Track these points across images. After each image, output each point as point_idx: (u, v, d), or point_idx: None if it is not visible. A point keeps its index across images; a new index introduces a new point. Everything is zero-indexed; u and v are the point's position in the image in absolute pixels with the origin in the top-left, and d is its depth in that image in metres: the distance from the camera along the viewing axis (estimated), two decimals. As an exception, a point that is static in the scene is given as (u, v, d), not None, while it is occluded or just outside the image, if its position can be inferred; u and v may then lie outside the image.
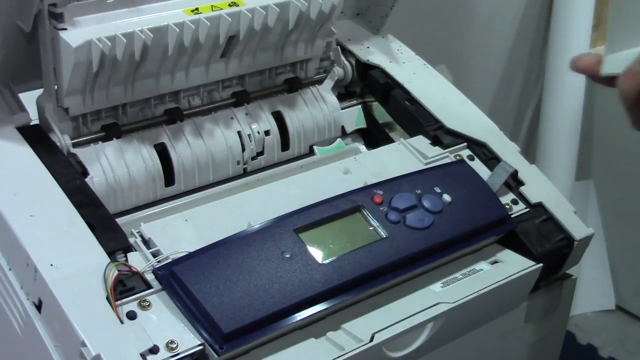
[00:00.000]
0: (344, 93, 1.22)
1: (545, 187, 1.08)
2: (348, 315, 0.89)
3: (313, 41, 1.15)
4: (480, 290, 0.95)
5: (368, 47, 1.22)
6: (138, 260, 0.86)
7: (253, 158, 1.11)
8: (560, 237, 1.04)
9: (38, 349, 0.82)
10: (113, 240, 0.87)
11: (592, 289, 2.00)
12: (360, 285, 0.89)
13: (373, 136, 1.21)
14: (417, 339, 0.91)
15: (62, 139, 0.97)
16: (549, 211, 1.05)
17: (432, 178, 1.01)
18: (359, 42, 1.23)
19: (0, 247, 0.87)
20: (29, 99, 1.00)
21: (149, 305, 0.82)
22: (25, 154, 0.93)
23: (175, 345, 0.79)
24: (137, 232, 0.91)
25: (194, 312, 0.81)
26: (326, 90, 1.18)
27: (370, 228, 0.93)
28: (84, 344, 0.77)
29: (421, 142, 1.10)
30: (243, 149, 1.09)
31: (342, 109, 1.19)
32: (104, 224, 0.89)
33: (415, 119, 1.14)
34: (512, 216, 1.03)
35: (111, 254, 0.85)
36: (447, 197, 0.98)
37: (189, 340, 0.80)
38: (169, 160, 1.04)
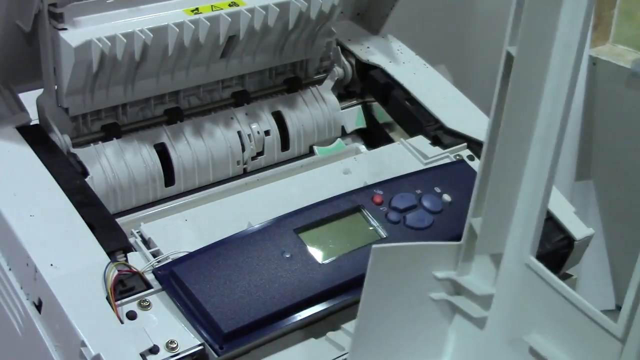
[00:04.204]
0: (344, 93, 1.22)
1: (545, 187, 1.08)
2: (348, 315, 0.89)
3: (313, 41, 1.15)
4: (480, 290, 0.95)
5: (368, 47, 1.22)
6: (138, 260, 0.86)
7: (253, 158, 1.11)
8: (560, 237, 1.04)
9: (38, 349, 0.82)
10: (113, 240, 0.87)
11: (592, 289, 2.00)
12: (360, 285, 0.89)
13: (373, 136, 1.21)
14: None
15: (62, 139, 0.97)
16: (549, 211, 1.05)
17: (432, 178, 1.01)
18: (359, 42, 1.23)
19: (0, 247, 0.87)
20: (29, 99, 1.00)
21: (149, 305, 0.82)
22: (25, 154, 0.93)
23: (175, 345, 0.79)
24: (137, 232, 0.91)
25: (193, 312, 0.81)
26: (326, 90, 1.18)
27: (370, 228, 0.93)
28: (84, 344, 0.77)
29: (421, 142, 1.10)
30: (243, 149, 1.09)
31: (342, 109, 1.19)
32: (104, 224, 0.89)
33: (415, 119, 1.14)
34: (512, 216, 1.03)
35: (111, 254, 0.85)
36: (447, 197, 0.98)
37: (189, 340, 0.80)
38: (169, 160, 1.04)
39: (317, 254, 0.89)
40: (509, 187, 0.73)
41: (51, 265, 0.82)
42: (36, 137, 0.96)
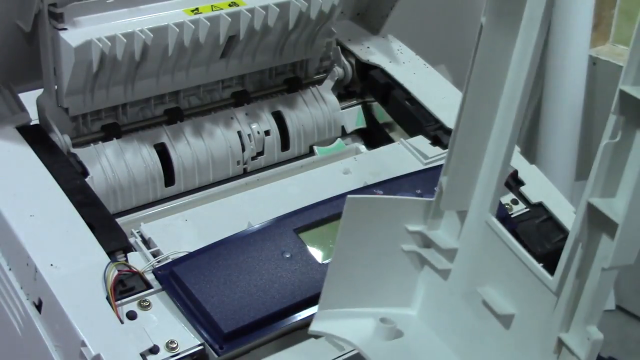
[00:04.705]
0: (344, 93, 1.22)
1: (545, 187, 1.08)
2: (348, 315, 0.89)
3: (313, 41, 1.15)
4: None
5: (368, 47, 1.22)
6: (138, 260, 0.86)
7: (253, 158, 1.11)
8: (560, 237, 1.04)
9: (38, 349, 0.82)
10: (113, 240, 0.87)
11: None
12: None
13: (373, 136, 1.21)
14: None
15: (62, 139, 0.97)
16: (549, 211, 1.05)
17: (432, 178, 1.01)
18: (359, 42, 1.23)
19: (0, 247, 0.87)
20: (29, 99, 1.00)
21: (149, 305, 0.82)
22: (25, 154, 0.93)
23: (175, 345, 0.79)
24: (137, 232, 0.91)
25: (194, 312, 0.81)
26: (326, 90, 1.18)
27: (370, 228, 0.93)
28: (84, 344, 0.77)
29: (421, 142, 1.10)
30: (243, 149, 1.09)
31: (342, 109, 1.19)
32: (104, 224, 0.89)
33: (415, 119, 1.14)
34: (512, 216, 1.03)
35: (111, 254, 0.85)
36: (447, 197, 0.98)
37: (189, 340, 0.80)
38: (169, 160, 1.04)
39: (317, 254, 0.89)
40: (474, 150, 0.77)
41: (51, 265, 0.82)
42: (36, 137, 0.96)
